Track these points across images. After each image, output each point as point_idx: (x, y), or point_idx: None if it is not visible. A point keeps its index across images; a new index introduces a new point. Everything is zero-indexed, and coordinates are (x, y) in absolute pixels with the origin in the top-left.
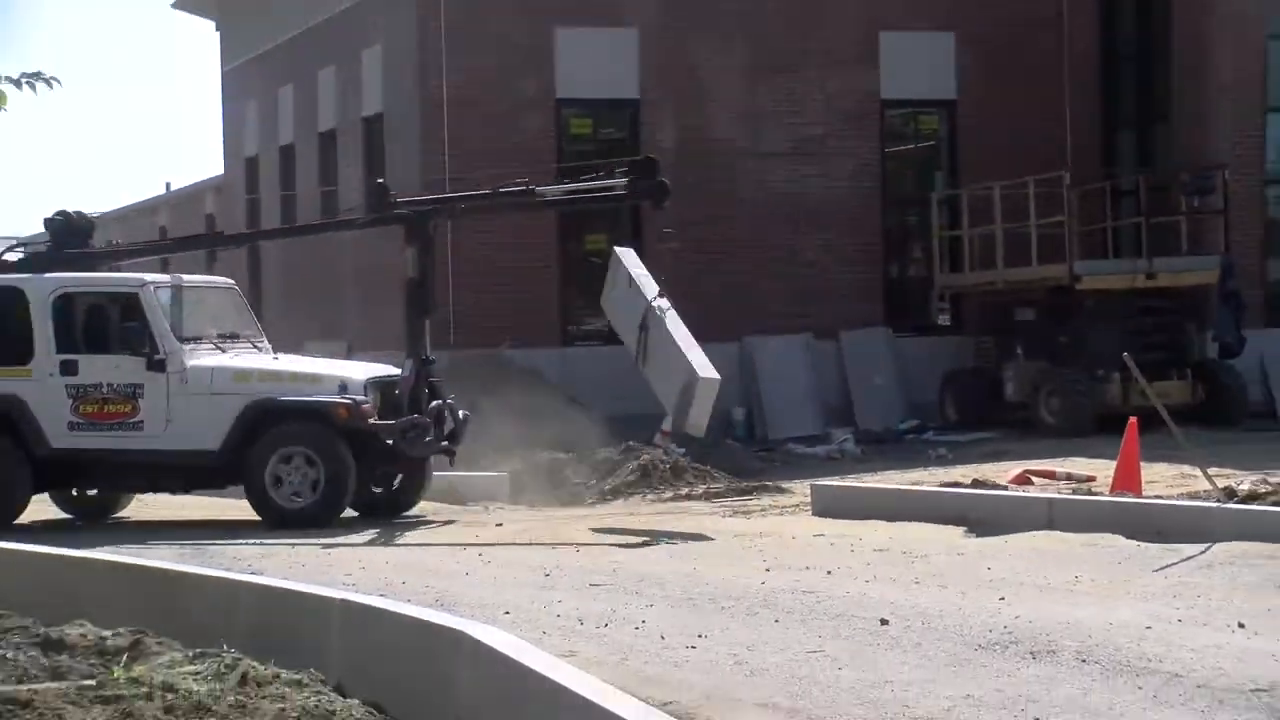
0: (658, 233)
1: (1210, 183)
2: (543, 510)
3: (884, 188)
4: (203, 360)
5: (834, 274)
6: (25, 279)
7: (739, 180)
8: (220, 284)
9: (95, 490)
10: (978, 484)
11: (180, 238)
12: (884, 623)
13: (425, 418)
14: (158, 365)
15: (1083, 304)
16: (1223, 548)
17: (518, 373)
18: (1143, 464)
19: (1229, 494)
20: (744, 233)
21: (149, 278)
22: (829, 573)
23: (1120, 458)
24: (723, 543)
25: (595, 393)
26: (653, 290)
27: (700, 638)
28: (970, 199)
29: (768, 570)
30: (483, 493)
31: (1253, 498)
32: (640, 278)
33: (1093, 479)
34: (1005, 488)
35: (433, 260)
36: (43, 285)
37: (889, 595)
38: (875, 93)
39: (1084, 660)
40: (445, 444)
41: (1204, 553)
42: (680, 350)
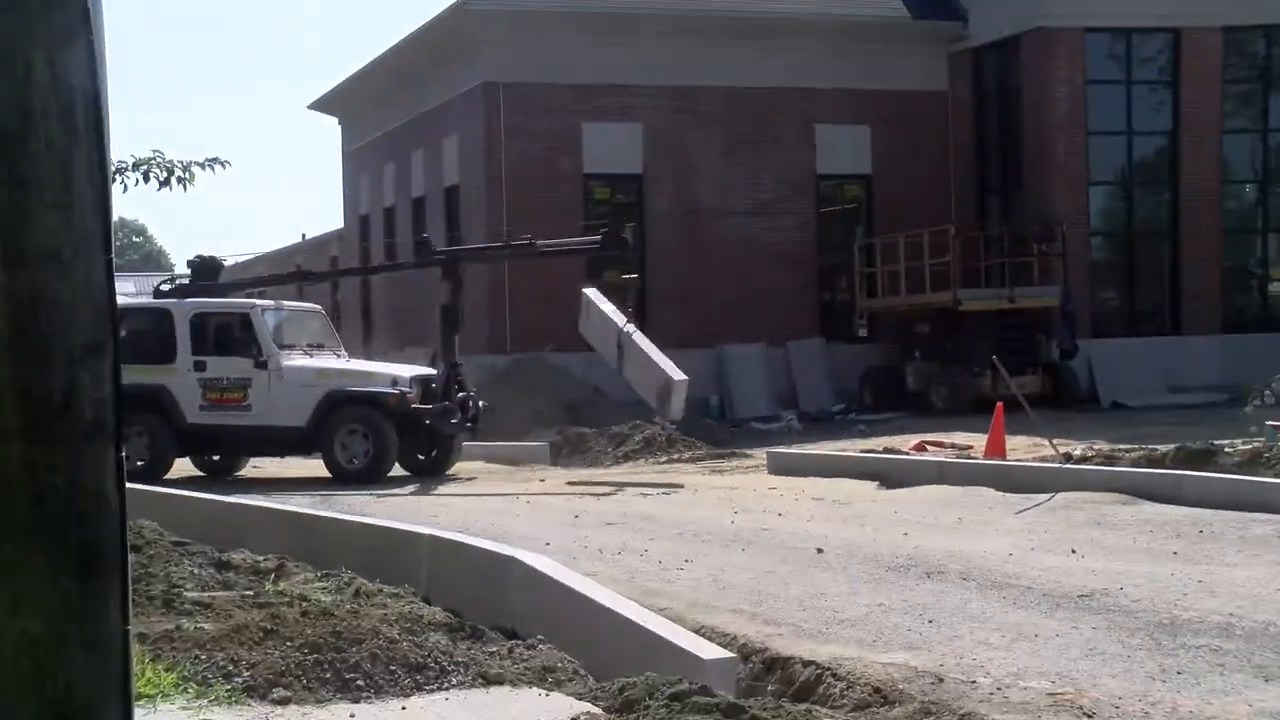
0: (622, 275)
1: (1053, 234)
2: (573, 470)
3: (819, 237)
4: (295, 361)
5: (783, 299)
6: (172, 303)
7: (715, 231)
8: (310, 309)
9: (219, 456)
10: (888, 450)
11: (276, 274)
12: (820, 551)
13: (454, 404)
14: (262, 365)
15: (963, 320)
16: (1062, 496)
17: (555, 370)
18: (1006, 436)
19: (1067, 457)
20: (718, 269)
21: (257, 302)
22: (780, 515)
23: (990, 432)
24: (703, 493)
25: (611, 386)
26: (621, 319)
27: (687, 562)
28: (882, 245)
29: (735, 513)
30: (530, 457)
31: (1083, 460)
32: (609, 312)
33: (970, 447)
34: (908, 453)
35: (461, 291)
36: (183, 307)
37: (824, 531)
38: (812, 169)
39: (964, 578)
40: (469, 425)
41: (1049, 500)
42: (654, 361)
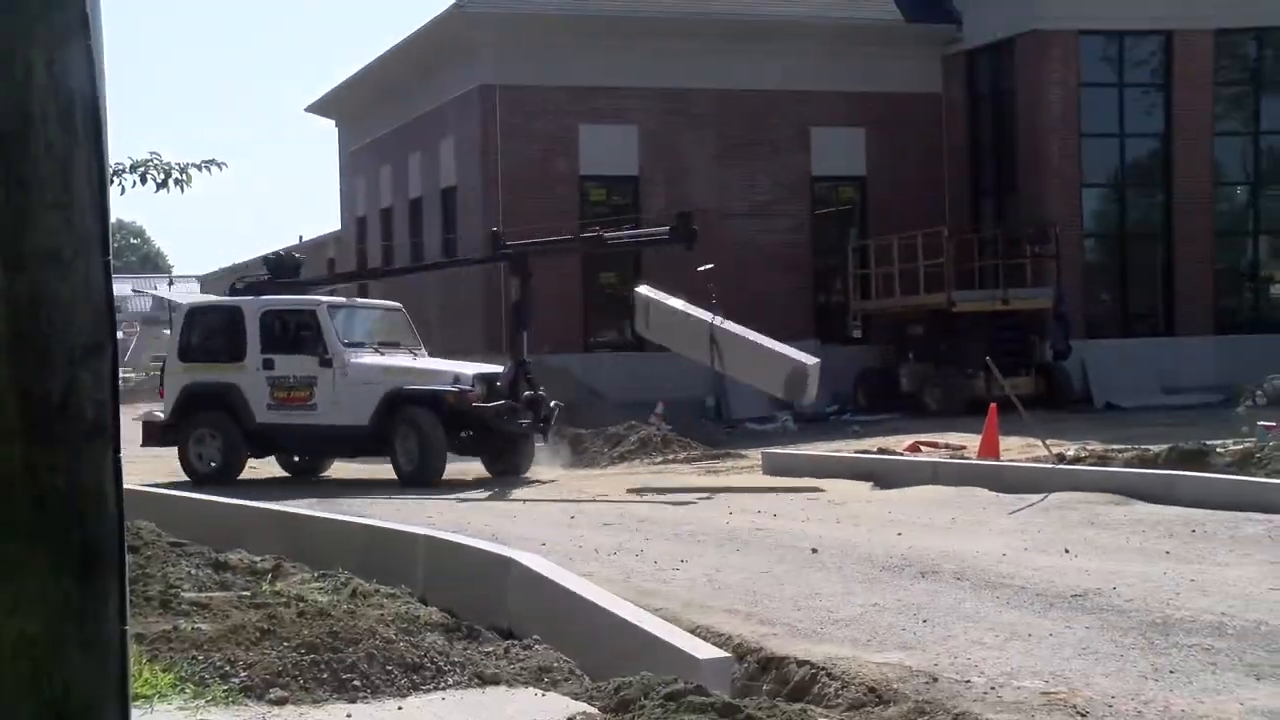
0: (696, 270)
1: (1046, 235)
2: (571, 470)
3: (814, 239)
4: (360, 359)
5: (779, 300)
6: (244, 300)
7: (711, 234)
8: (388, 306)
9: (290, 455)
10: (882, 451)
11: (345, 272)
12: (814, 551)
13: (516, 403)
14: (326, 363)
15: (957, 322)
16: (1056, 496)
17: (554, 371)
18: (1000, 436)
19: (1060, 458)
20: (715, 271)
21: (324, 300)
22: (775, 515)
23: (984, 432)
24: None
25: (608, 386)
26: (705, 314)
27: (683, 562)
28: (876, 247)
29: (731, 513)
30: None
31: (1076, 460)
32: (686, 307)
33: (964, 447)
34: (902, 454)
35: (531, 288)
36: (254, 305)
37: (818, 531)
38: (807, 171)
39: (959, 578)
40: (540, 426)
41: (1043, 500)
42: (777, 349)
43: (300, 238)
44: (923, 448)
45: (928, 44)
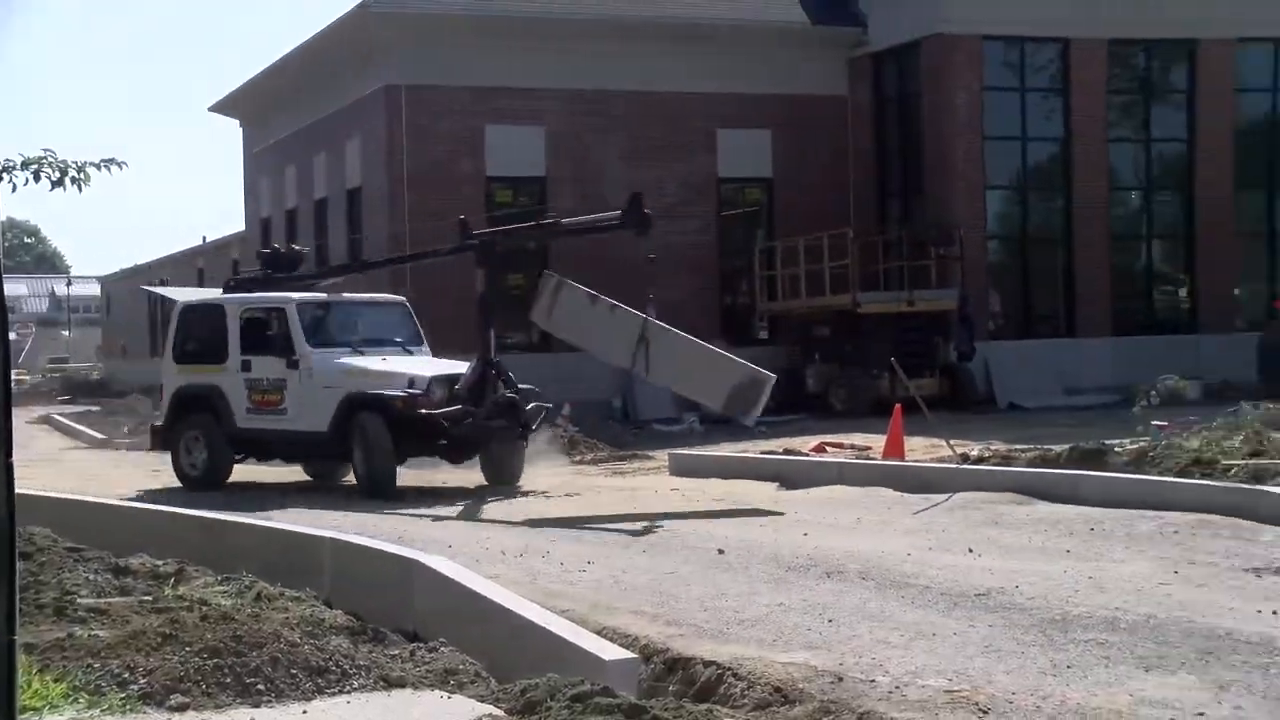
0: (643, 257)
1: (950, 237)
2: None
3: (721, 241)
4: (325, 360)
5: (685, 302)
6: (225, 298)
7: (618, 236)
8: (387, 300)
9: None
10: (788, 451)
11: (337, 265)
12: (721, 552)
13: (474, 407)
14: (294, 364)
15: (862, 323)
16: (960, 496)
17: None
18: (905, 437)
19: (964, 458)
20: (621, 273)
21: (294, 297)
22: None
23: (889, 432)
24: (605, 495)
25: None
26: (633, 311)
27: (589, 564)
28: (782, 248)
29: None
30: (432, 461)
31: (980, 460)
32: (613, 302)
33: (869, 448)
34: (807, 454)
35: (498, 281)
36: (234, 303)
37: (725, 532)
38: (714, 173)
39: (864, 578)
40: (520, 430)
41: (947, 500)
42: (724, 356)
43: (204, 238)
44: (828, 448)
45: (833, 46)
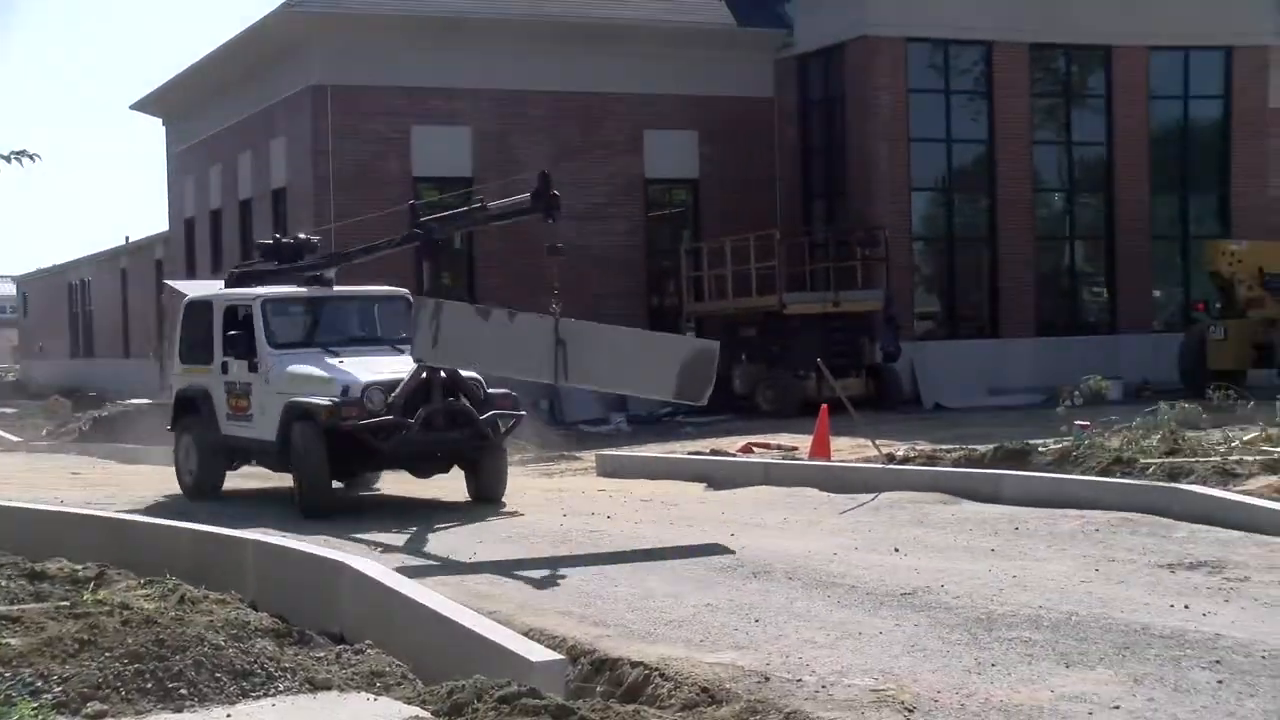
0: (547, 247)
1: (876, 239)
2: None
3: (647, 242)
4: (280, 363)
5: (612, 303)
6: (213, 294)
7: (544, 236)
8: (385, 294)
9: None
10: (715, 452)
11: (327, 255)
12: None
13: (406, 418)
14: (254, 368)
15: (789, 323)
16: (886, 496)
17: None
18: (831, 437)
19: (890, 458)
20: (546, 268)
21: (263, 292)
22: (609, 517)
23: (815, 433)
24: (532, 495)
25: None
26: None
27: (517, 564)
28: (709, 249)
29: (565, 515)
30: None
31: (905, 460)
32: (509, 310)
33: (796, 448)
34: (734, 455)
35: (442, 275)
36: (220, 299)
37: (652, 533)
38: (640, 174)
39: (790, 578)
40: (476, 442)
41: (873, 500)
42: (659, 335)
43: (127, 238)
44: (755, 449)
45: (760, 48)
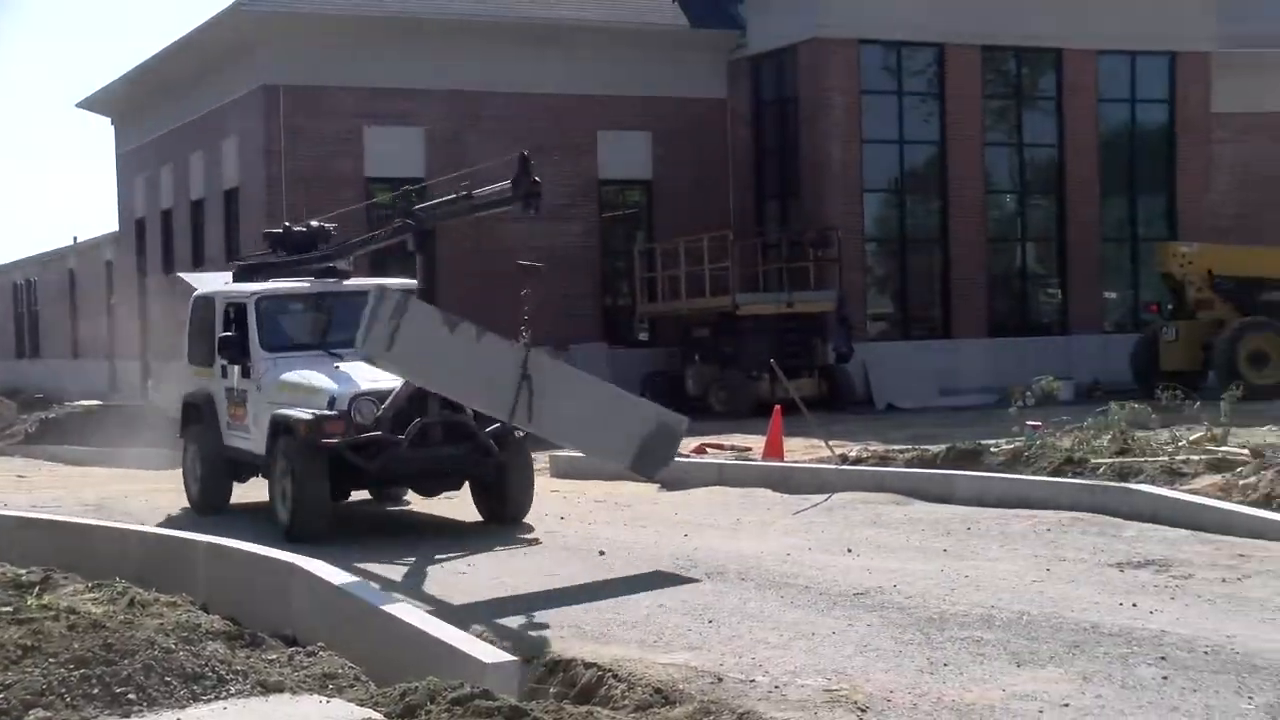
0: (521, 265)
1: (828, 240)
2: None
3: (602, 242)
4: (273, 369)
5: (566, 304)
6: (215, 291)
7: (499, 237)
8: (394, 286)
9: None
10: None
11: (319, 253)
12: (602, 554)
13: (391, 435)
14: (247, 372)
15: (742, 324)
16: (839, 496)
17: None
18: (784, 438)
19: (843, 459)
20: (503, 274)
21: (258, 288)
22: (562, 518)
23: (768, 434)
24: None
25: None
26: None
27: (470, 565)
28: (662, 250)
29: None
30: None
31: (858, 461)
32: (479, 327)
33: (749, 449)
34: (688, 455)
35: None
36: (222, 295)
37: (606, 534)
38: (595, 175)
39: (743, 578)
40: (476, 459)
41: (826, 500)
42: (628, 398)
43: (75, 238)
44: (709, 449)
45: (712, 50)
